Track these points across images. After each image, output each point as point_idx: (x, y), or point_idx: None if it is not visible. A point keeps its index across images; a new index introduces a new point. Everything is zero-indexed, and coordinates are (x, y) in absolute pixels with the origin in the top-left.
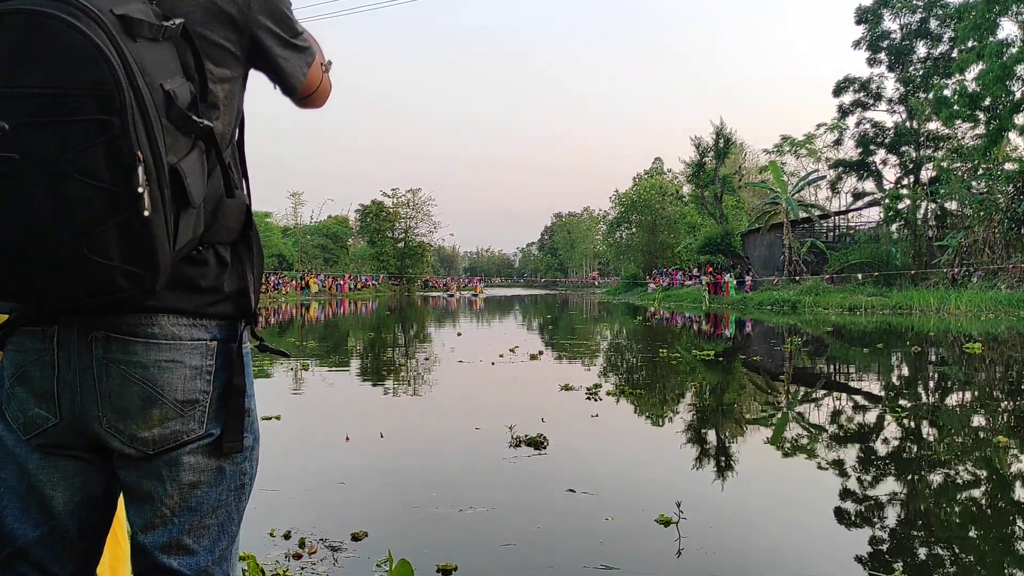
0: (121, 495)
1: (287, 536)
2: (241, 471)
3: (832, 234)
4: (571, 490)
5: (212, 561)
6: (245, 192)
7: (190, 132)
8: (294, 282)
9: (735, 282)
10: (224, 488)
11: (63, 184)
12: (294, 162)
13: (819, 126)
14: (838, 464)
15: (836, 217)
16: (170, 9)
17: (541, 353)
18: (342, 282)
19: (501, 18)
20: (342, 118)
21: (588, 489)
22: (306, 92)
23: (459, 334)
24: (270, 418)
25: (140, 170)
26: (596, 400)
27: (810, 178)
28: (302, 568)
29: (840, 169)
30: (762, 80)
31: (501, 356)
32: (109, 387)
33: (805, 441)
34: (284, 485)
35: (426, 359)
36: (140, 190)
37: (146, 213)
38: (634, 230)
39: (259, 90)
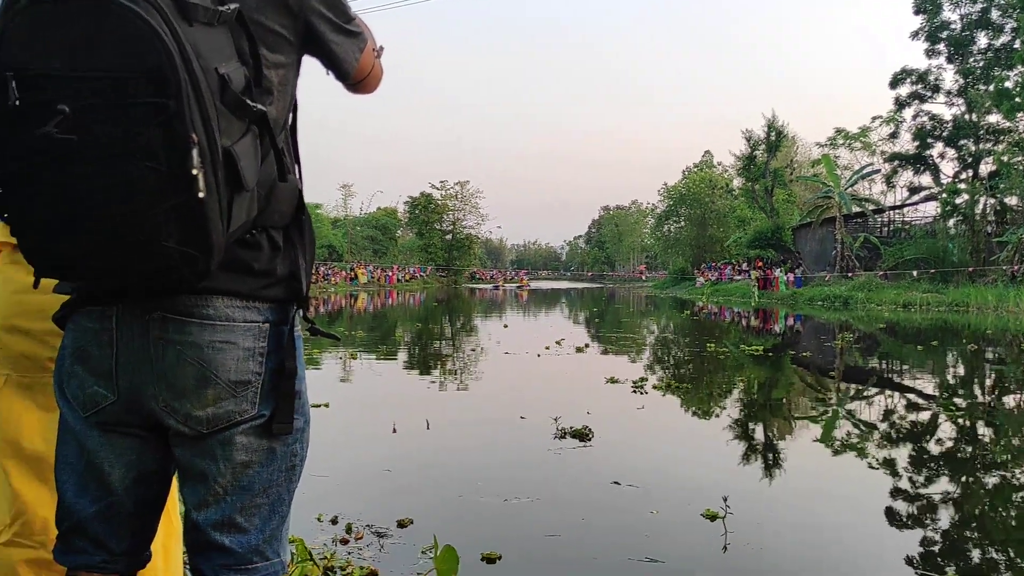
0: (175, 473)
1: (334, 521)
2: (292, 452)
3: (886, 229)
4: (616, 482)
5: (263, 540)
6: (297, 177)
7: (244, 116)
8: (343, 273)
9: (785, 277)
10: (275, 468)
11: (120, 166)
12: (344, 154)
13: (874, 119)
14: (889, 463)
15: (891, 212)
16: None
17: (587, 346)
18: (390, 273)
19: (546, 9)
20: (393, 110)
21: (633, 482)
22: (358, 77)
23: (505, 326)
24: (319, 405)
25: (195, 152)
26: (642, 393)
27: (864, 172)
28: (348, 553)
29: (896, 163)
30: (816, 72)
31: (547, 348)
32: (165, 367)
33: (855, 439)
34: (332, 471)
35: (472, 350)
36: (195, 172)
37: (200, 195)
38: (683, 223)
39: (312, 83)
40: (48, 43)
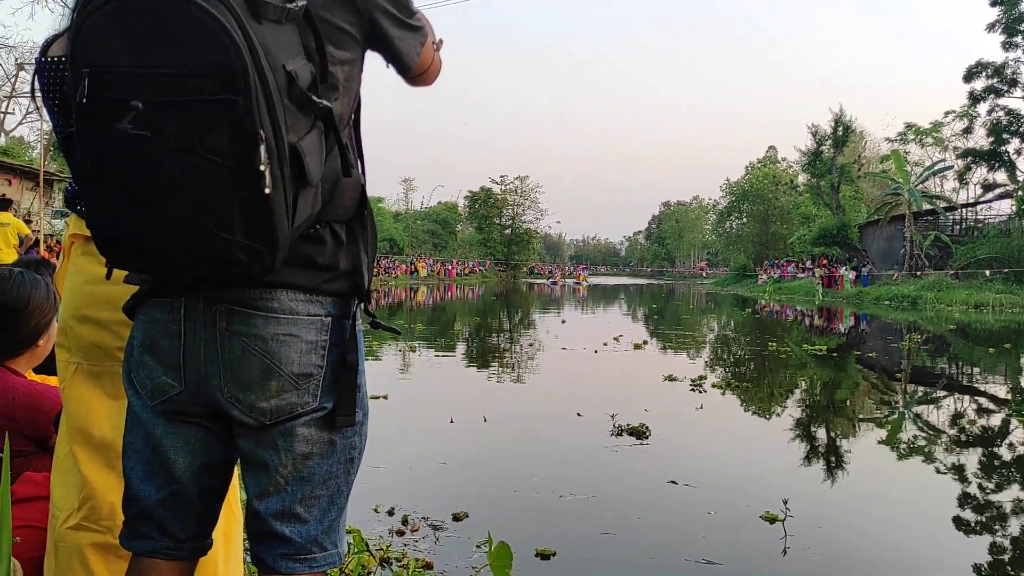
0: (238, 463)
1: (391, 513)
2: (351, 445)
3: (958, 227)
4: (673, 482)
5: (322, 531)
6: (360, 172)
7: (310, 112)
8: (404, 266)
9: (851, 275)
10: (335, 460)
11: (191, 161)
12: (406, 148)
13: (947, 114)
14: (955, 468)
15: (963, 209)
16: None
17: (645, 343)
18: (450, 267)
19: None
20: (455, 103)
21: (690, 482)
22: (419, 71)
23: (563, 321)
24: (377, 397)
25: (262, 148)
26: (700, 392)
27: (936, 168)
28: (404, 545)
29: (969, 159)
30: (886, 66)
31: (605, 344)
32: (231, 358)
33: (920, 443)
34: (389, 463)
35: (530, 345)
36: (262, 168)
37: (267, 191)
38: (745, 220)
39: (377, 77)
40: (121, 40)
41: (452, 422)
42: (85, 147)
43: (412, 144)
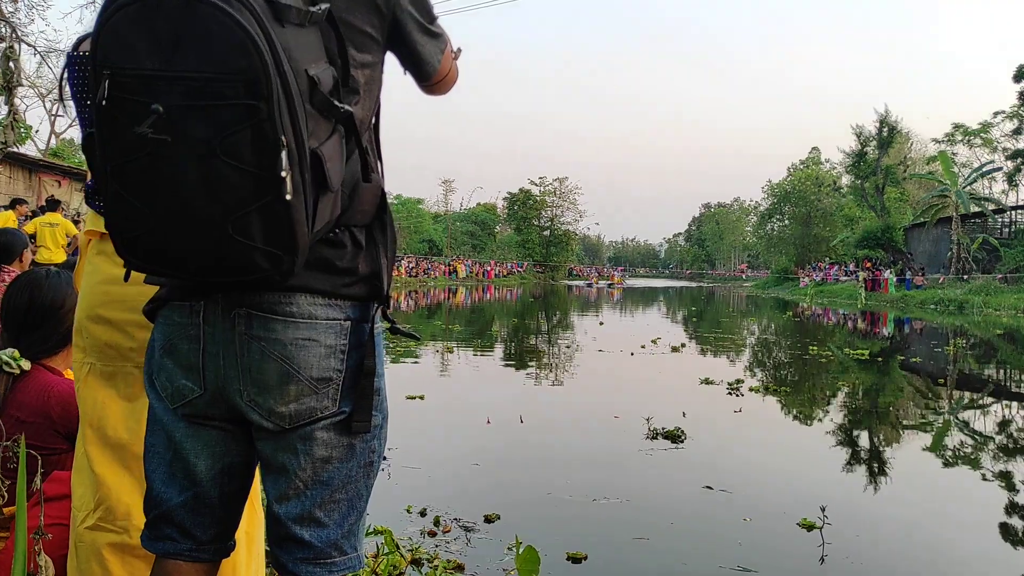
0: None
1: (423, 513)
2: (370, 449)
3: (1008, 230)
4: (708, 487)
5: (341, 535)
6: (380, 176)
7: (332, 117)
8: (443, 267)
9: (895, 279)
10: (354, 464)
11: (212, 166)
12: (446, 149)
13: (996, 114)
14: (1001, 477)
15: (1013, 212)
16: None
17: (683, 345)
18: (488, 268)
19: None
20: (494, 106)
21: (725, 487)
22: (437, 79)
23: (601, 323)
24: (414, 397)
25: (284, 154)
26: (738, 396)
27: (984, 169)
28: (436, 545)
29: (1019, 160)
30: (934, 66)
31: (642, 347)
32: (250, 362)
33: (966, 451)
34: (424, 463)
35: (567, 347)
36: (283, 174)
37: (288, 197)
38: (787, 222)
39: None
40: (142, 43)
41: (489, 423)
42: (105, 149)
43: (452, 146)
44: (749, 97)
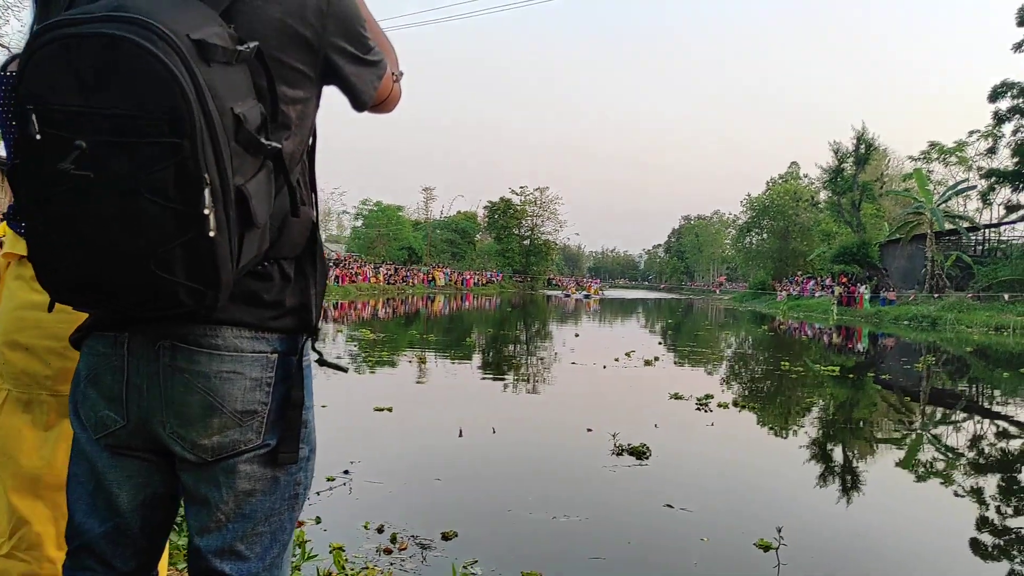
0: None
1: (380, 530)
2: (295, 481)
3: (981, 248)
4: (669, 505)
5: (263, 568)
6: (313, 208)
7: (259, 154)
8: (422, 275)
9: (870, 294)
10: (278, 497)
11: (134, 202)
12: (428, 156)
13: (971, 133)
14: (965, 495)
15: (986, 230)
16: (246, 32)
17: (657, 359)
18: (467, 277)
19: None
20: (481, 114)
21: (686, 505)
22: (376, 103)
23: (577, 335)
24: (382, 409)
25: (207, 192)
26: (706, 411)
27: (959, 188)
28: (391, 564)
29: (993, 179)
30: (910, 84)
31: (616, 360)
32: (173, 394)
33: (927, 469)
34: (387, 478)
35: (541, 359)
36: (206, 212)
37: (211, 234)
38: (765, 236)
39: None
40: (67, 79)
41: (461, 435)
42: (29, 181)
43: (434, 154)
44: (730, 112)
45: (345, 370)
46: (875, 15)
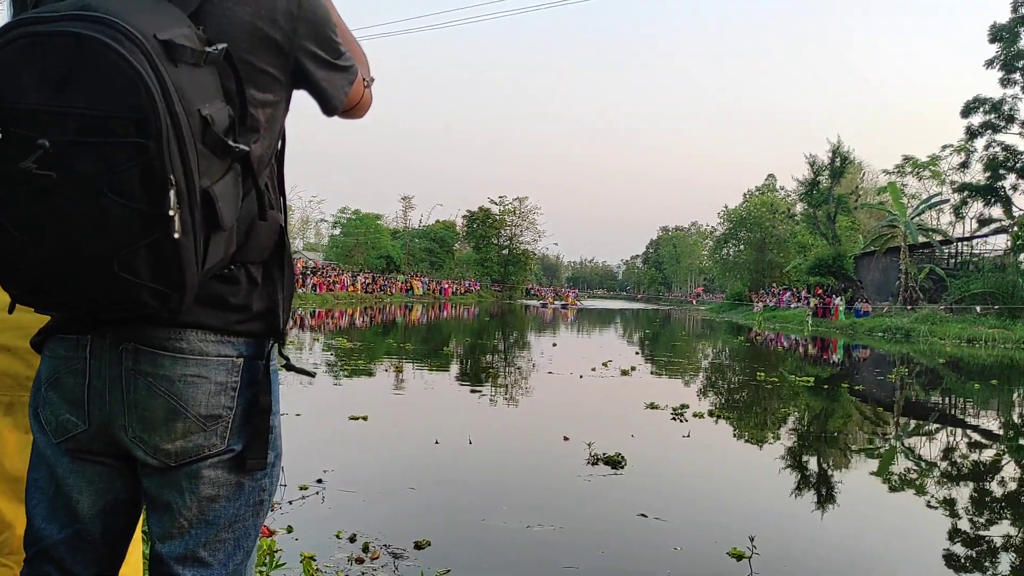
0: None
1: (352, 539)
2: (260, 487)
3: (954, 261)
4: (643, 515)
5: (226, 574)
6: (281, 212)
7: (226, 156)
8: (400, 284)
9: (845, 306)
10: (242, 503)
11: (98, 203)
12: (407, 165)
13: (944, 147)
14: (932, 507)
15: (959, 243)
16: (215, 34)
17: (634, 369)
18: (446, 286)
19: (609, 21)
20: (459, 123)
21: (660, 515)
22: (346, 109)
23: (554, 344)
24: (358, 418)
25: (172, 193)
26: (681, 421)
27: (932, 201)
28: (362, 573)
29: (965, 193)
30: (885, 98)
31: (593, 370)
32: (136, 398)
33: (898, 479)
34: (361, 487)
35: (517, 368)
36: (171, 213)
37: (176, 235)
38: (742, 247)
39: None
40: (32, 78)
41: (437, 443)
42: None
43: (413, 162)
44: (708, 124)
45: (312, 375)
46: (852, 31)
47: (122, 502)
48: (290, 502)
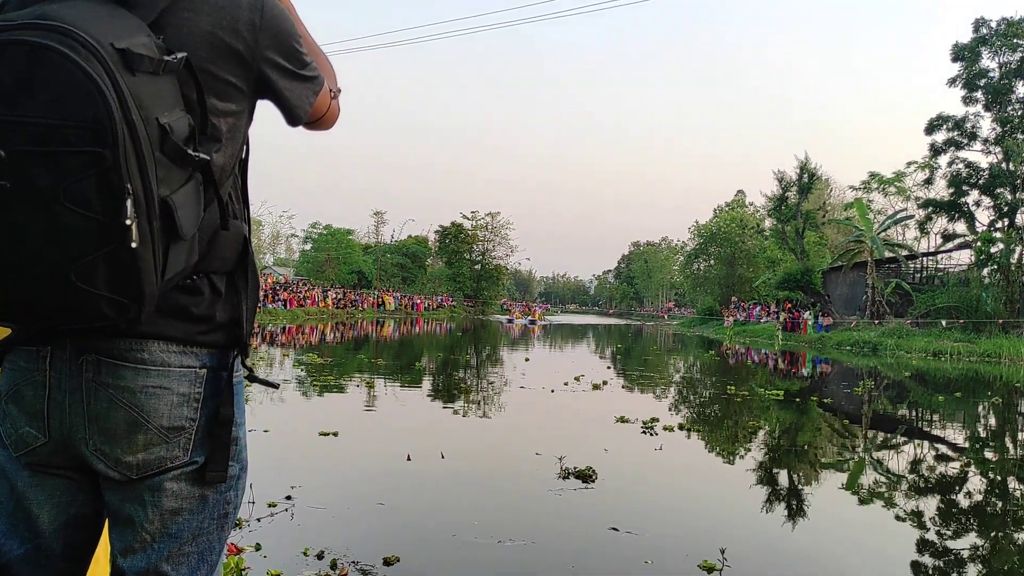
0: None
1: (320, 556)
2: (225, 500)
3: (919, 276)
4: (614, 528)
5: None
6: (245, 222)
7: (186, 165)
8: (371, 299)
9: (813, 320)
10: (206, 516)
11: (54, 212)
12: (379, 181)
13: (909, 164)
14: (901, 519)
15: (924, 258)
16: (175, 43)
17: (605, 383)
18: (418, 301)
19: (576, 51)
20: (428, 141)
21: (631, 528)
22: (311, 119)
23: (527, 359)
24: (328, 434)
25: (129, 203)
26: (652, 435)
27: (898, 217)
28: None
29: (930, 209)
30: (851, 116)
31: (565, 384)
32: (97, 410)
33: (864, 492)
34: (329, 503)
35: (489, 384)
36: (128, 222)
37: (133, 245)
38: (712, 262)
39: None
40: None
41: (409, 459)
42: None
43: (385, 176)
44: (678, 140)
45: (276, 386)
46: (817, 51)
47: (83, 516)
48: (258, 519)
